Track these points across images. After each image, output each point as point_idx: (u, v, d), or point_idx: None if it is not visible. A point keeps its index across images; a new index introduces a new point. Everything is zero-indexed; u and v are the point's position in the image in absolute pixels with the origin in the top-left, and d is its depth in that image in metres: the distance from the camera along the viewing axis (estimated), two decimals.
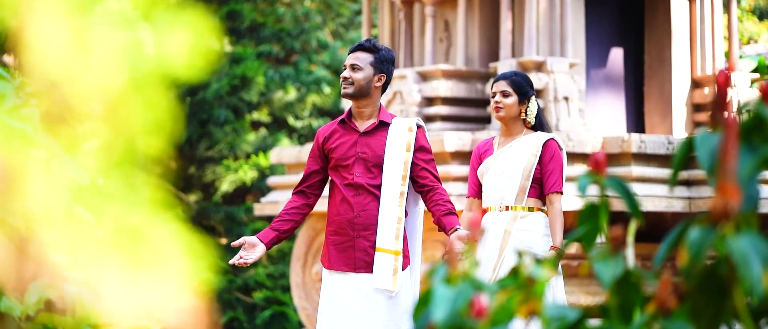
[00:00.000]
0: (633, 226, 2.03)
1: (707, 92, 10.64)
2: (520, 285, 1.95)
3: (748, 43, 16.18)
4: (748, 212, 1.63)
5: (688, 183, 9.50)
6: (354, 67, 5.24)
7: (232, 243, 5.11)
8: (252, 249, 5.08)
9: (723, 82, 1.96)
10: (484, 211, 5.77)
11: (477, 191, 5.75)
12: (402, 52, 10.78)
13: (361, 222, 5.15)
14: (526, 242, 5.58)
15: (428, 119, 10.29)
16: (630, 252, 1.99)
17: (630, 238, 2.00)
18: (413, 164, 5.20)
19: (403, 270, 5.13)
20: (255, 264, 14.60)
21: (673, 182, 1.87)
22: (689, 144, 1.92)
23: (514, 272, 2.02)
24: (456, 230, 5.03)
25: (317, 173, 5.32)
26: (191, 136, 14.27)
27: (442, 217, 5.11)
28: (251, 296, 14.28)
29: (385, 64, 5.25)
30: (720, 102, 1.95)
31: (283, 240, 5.20)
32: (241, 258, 5.04)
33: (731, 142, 1.65)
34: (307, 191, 5.31)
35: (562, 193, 5.55)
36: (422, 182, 5.20)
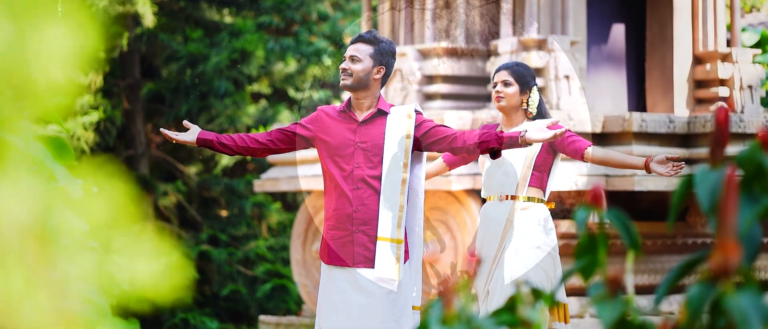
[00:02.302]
0: (631, 257, 2.01)
1: (709, 69, 10.59)
2: (518, 323, 1.93)
3: (750, 11, 16.11)
4: (748, 267, 1.60)
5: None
6: (353, 59, 5.20)
7: (183, 122, 5.37)
8: (186, 132, 5.28)
9: (722, 118, 1.93)
10: (485, 200, 5.77)
11: (452, 163, 5.73)
12: (402, 29, 10.72)
13: (360, 217, 5.11)
14: (525, 233, 5.57)
15: (428, 97, 10.25)
16: (629, 282, 1.97)
17: (629, 264, 1.98)
18: (426, 132, 5.14)
19: (403, 263, 5.10)
20: (256, 237, 14.63)
21: (671, 225, 1.85)
22: (688, 182, 1.89)
23: (512, 304, 2.00)
24: (526, 130, 5.02)
25: (290, 133, 5.28)
26: (191, 109, 14.24)
27: (499, 135, 5.08)
28: (252, 269, 14.31)
29: (384, 56, 5.21)
30: (719, 139, 1.92)
31: (213, 150, 5.32)
32: (176, 134, 5.26)
33: (731, 196, 1.63)
34: (273, 134, 5.28)
35: (592, 144, 5.56)
36: (447, 134, 5.13)
